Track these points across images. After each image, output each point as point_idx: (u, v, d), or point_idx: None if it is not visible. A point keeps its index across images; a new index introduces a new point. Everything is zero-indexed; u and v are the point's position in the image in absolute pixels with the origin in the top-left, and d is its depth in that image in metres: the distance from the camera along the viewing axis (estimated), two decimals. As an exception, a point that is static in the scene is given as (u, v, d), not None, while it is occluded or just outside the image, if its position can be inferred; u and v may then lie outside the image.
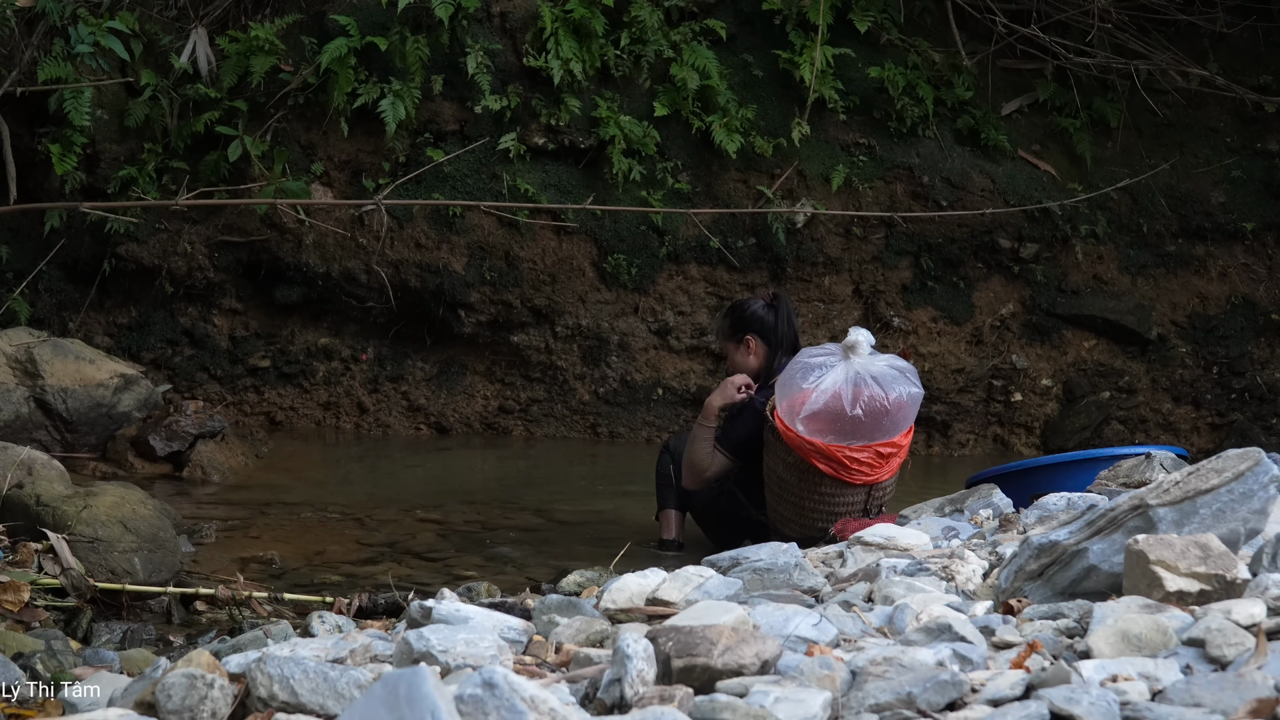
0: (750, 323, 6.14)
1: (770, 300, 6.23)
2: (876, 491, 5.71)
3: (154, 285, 8.90)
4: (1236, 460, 3.49)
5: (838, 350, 5.62)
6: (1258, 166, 9.33)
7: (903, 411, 5.62)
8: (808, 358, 5.65)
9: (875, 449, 5.60)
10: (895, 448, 5.65)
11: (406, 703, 2.32)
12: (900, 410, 5.61)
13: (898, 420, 5.62)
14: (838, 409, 5.54)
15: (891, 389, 5.56)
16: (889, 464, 5.67)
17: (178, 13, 8.82)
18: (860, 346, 5.61)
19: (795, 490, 5.73)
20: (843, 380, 5.55)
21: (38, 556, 4.85)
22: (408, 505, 6.90)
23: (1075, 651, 2.91)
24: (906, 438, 5.71)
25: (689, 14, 9.07)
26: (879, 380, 5.57)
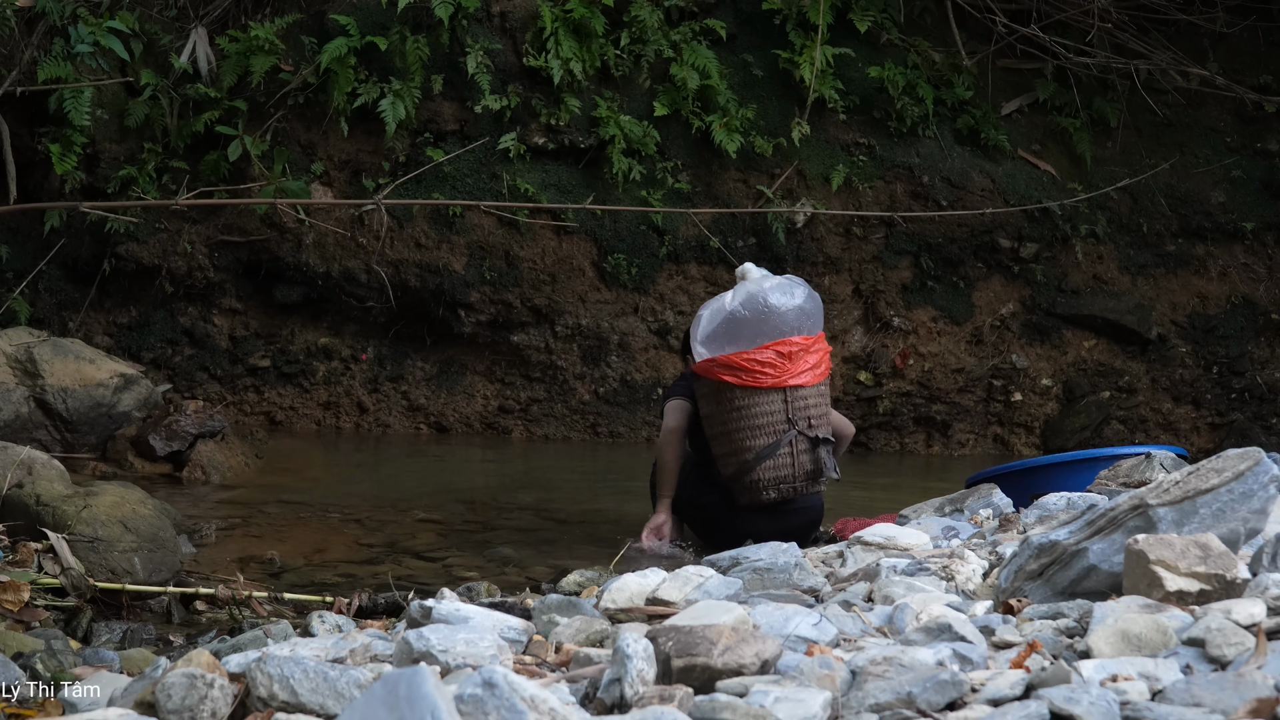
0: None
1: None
2: (796, 402, 5.77)
3: (154, 285, 8.90)
4: (1236, 460, 3.49)
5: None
6: (1258, 166, 9.33)
7: (793, 311, 5.75)
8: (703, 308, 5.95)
9: (774, 349, 5.72)
10: (795, 346, 5.74)
11: (406, 702, 2.32)
12: (789, 310, 5.75)
13: (789, 319, 5.75)
14: (720, 311, 5.81)
15: (773, 293, 5.77)
16: (794, 365, 5.74)
17: (178, 12, 8.82)
18: (749, 271, 5.89)
19: (720, 420, 5.81)
20: (728, 297, 5.85)
21: (38, 556, 4.85)
22: (408, 505, 6.90)
23: (1075, 651, 2.91)
24: (812, 340, 5.79)
25: (689, 14, 9.07)
26: (761, 288, 5.79)
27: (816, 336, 5.83)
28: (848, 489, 7.58)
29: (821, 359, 5.84)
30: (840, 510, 6.36)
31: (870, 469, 8.74)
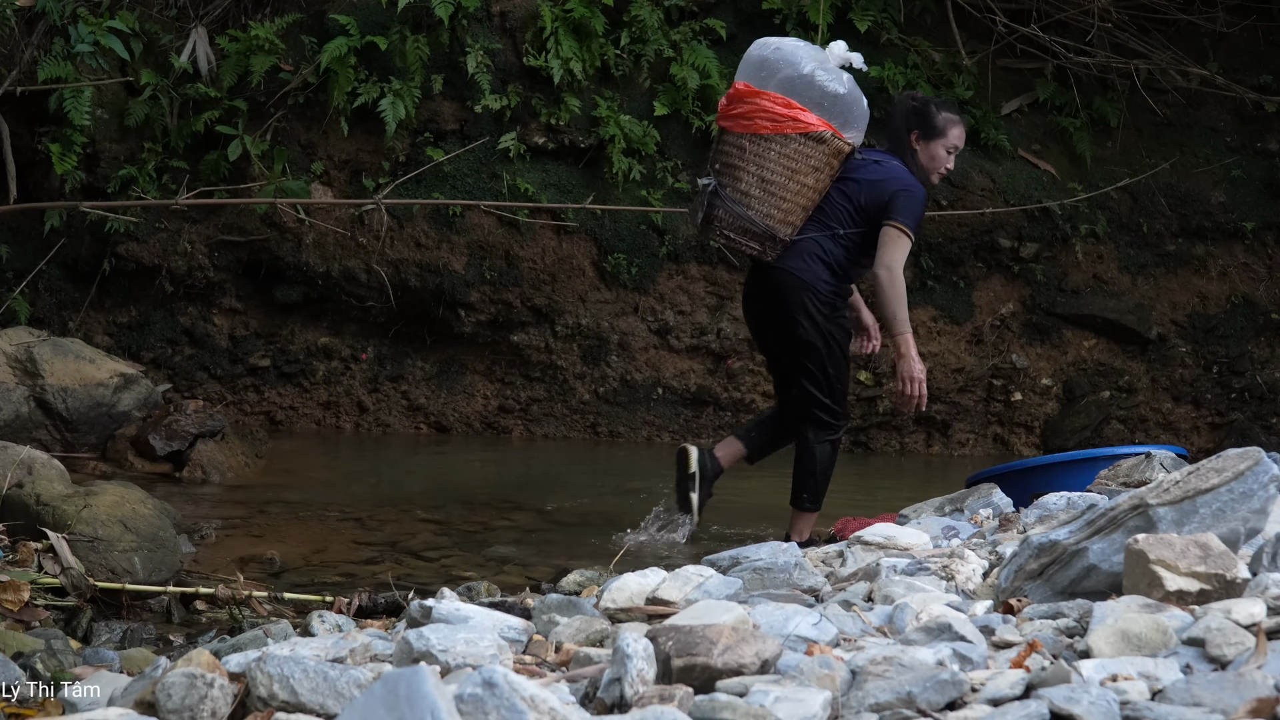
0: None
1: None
2: (718, 146, 6.03)
3: (154, 285, 8.90)
4: (1236, 460, 3.49)
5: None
6: (1258, 166, 9.33)
7: (811, 85, 5.86)
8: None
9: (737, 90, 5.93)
10: (744, 96, 5.88)
11: (406, 702, 2.32)
12: (812, 82, 5.86)
13: (798, 83, 5.85)
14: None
15: (822, 67, 5.89)
16: (728, 107, 5.95)
17: (178, 12, 8.82)
18: (835, 49, 5.99)
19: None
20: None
21: (38, 556, 4.85)
22: (408, 505, 6.90)
23: (1075, 651, 2.91)
24: (755, 92, 5.86)
25: (689, 13, 9.07)
26: (824, 58, 5.95)
27: (768, 94, 5.88)
28: (848, 489, 7.59)
29: (753, 112, 5.89)
30: (840, 510, 6.36)
31: (870, 469, 8.74)
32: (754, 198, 5.93)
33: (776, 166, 5.90)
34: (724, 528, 6.45)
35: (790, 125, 5.84)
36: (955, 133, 6.06)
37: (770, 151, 5.89)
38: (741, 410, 9.11)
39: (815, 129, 5.84)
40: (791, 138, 5.85)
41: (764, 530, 6.25)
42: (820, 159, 5.89)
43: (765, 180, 5.92)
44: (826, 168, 5.91)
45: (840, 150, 5.91)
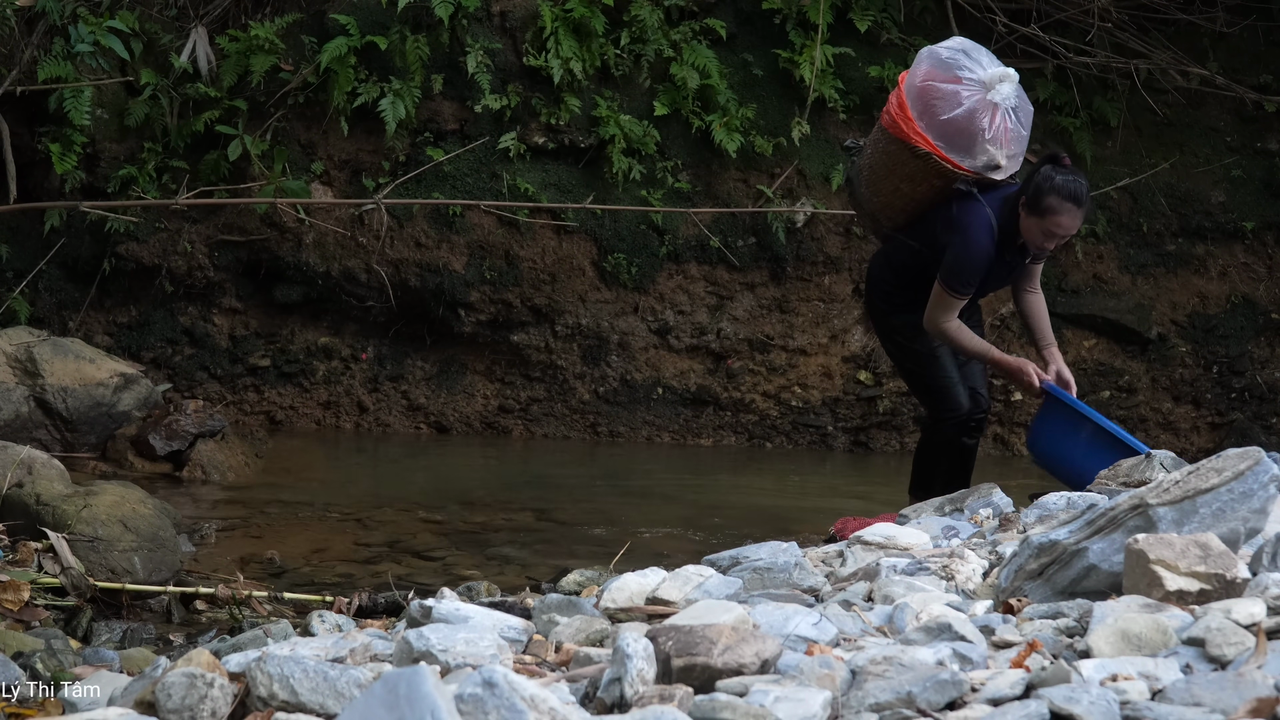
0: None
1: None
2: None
3: (154, 284, 8.90)
4: (1236, 459, 3.49)
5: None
6: (1258, 166, 9.33)
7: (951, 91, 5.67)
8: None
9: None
10: (900, 82, 5.76)
11: (406, 702, 2.32)
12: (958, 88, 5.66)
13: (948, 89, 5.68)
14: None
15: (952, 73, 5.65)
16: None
17: (178, 12, 8.82)
18: (1008, 78, 5.67)
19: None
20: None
21: (38, 555, 4.85)
22: (408, 505, 6.90)
23: (1075, 651, 2.91)
24: (898, 90, 5.73)
25: (689, 13, 9.07)
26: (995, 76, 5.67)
27: (901, 89, 5.71)
28: (848, 489, 7.59)
29: (889, 100, 5.76)
30: (840, 510, 6.36)
31: (870, 469, 8.74)
32: (864, 179, 5.89)
33: (881, 159, 5.78)
34: (724, 527, 6.45)
35: (895, 129, 5.67)
36: (1056, 220, 5.58)
37: (881, 143, 5.78)
38: (741, 410, 9.11)
39: (913, 141, 5.62)
40: (895, 140, 5.68)
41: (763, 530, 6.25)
42: (917, 171, 5.66)
43: (873, 167, 5.83)
44: (925, 182, 5.68)
45: (943, 171, 5.63)
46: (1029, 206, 5.59)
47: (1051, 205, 5.56)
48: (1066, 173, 5.61)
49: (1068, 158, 5.69)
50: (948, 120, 5.58)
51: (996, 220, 5.65)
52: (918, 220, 5.80)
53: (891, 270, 5.96)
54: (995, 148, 5.63)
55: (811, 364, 9.14)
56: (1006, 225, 5.66)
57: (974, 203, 5.66)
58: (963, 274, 5.65)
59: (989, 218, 5.65)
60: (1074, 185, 5.58)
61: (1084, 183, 5.64)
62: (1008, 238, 5.69)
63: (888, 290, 5.98)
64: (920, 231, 5.80)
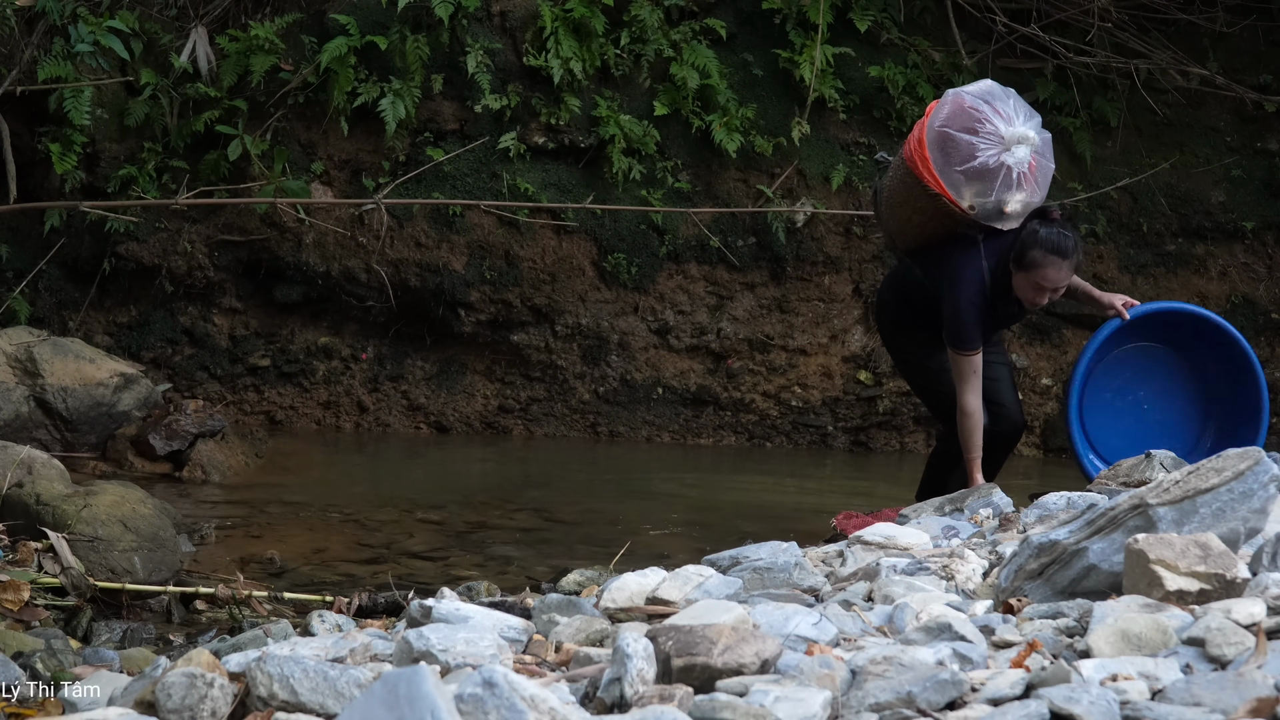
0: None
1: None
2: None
3: (154, 284, 8.90)
4: (1236, 460, 3.49)
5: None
6: (1258, 166, 9.32)
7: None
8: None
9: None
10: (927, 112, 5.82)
11: (406, 702, 2.32)
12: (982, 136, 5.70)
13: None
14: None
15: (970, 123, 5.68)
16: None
17: (177, 12, 8.82)
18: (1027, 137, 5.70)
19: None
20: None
21: (38, 555, 4.85)
22: (408, 505, 6.90)
23: (1075, 651, 2.91)
24: (924, 119, 5.78)
25: (689, 13, 9.07)
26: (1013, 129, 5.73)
27: (925, 120, 5.76)
28: (848, 489, 7.59)
29: (912, 129, 5.84)
30: (839, 507, 6.35)
31: (870, 468, 8.74)
32: (884, 198, 5.95)
33: (899, 187, 5.83)
34: (724, 527, 6.45)
35: (912, 164, 5.71)
36: (1042, 274, 5.60)
37: (900, 172, 5.83)
38: (741, 410, 9.11)
39: (925, 180, 5.66)
40: (910, 174, 5.72)
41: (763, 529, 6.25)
42: (929, 208, 5.70)
43: (891, 190, 5.89)
44: (935, 220, 5.72)
45: (951, 213, 5.67)
46: (1016, 262, 5.65)
47: (1035, 259, 5.60)
48: (1052, 226, 5.62)
49: (1058, 212, 5.71)
50: (961, 171, 5.63)
51: (991, 273, 5.69)
52: (927, 249, 5.84)
53: (895, 292, 6.05)
54: (1005, 202, 5.67)
55: (811, 364, 9.14)
56: (1001, 278, 5.71)
57: (971, 253, 5.71)
58: (960, 331, 5.69)
59: (981, 271, 5.69)
60: (1058, 238, 5.60)
61: (1070, 235, 5.67)
62: (1002, 290, 5.73)
63: (892, 313, 6.07)
64: (926, 262, 5.85)
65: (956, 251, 5.72)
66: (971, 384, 5.71)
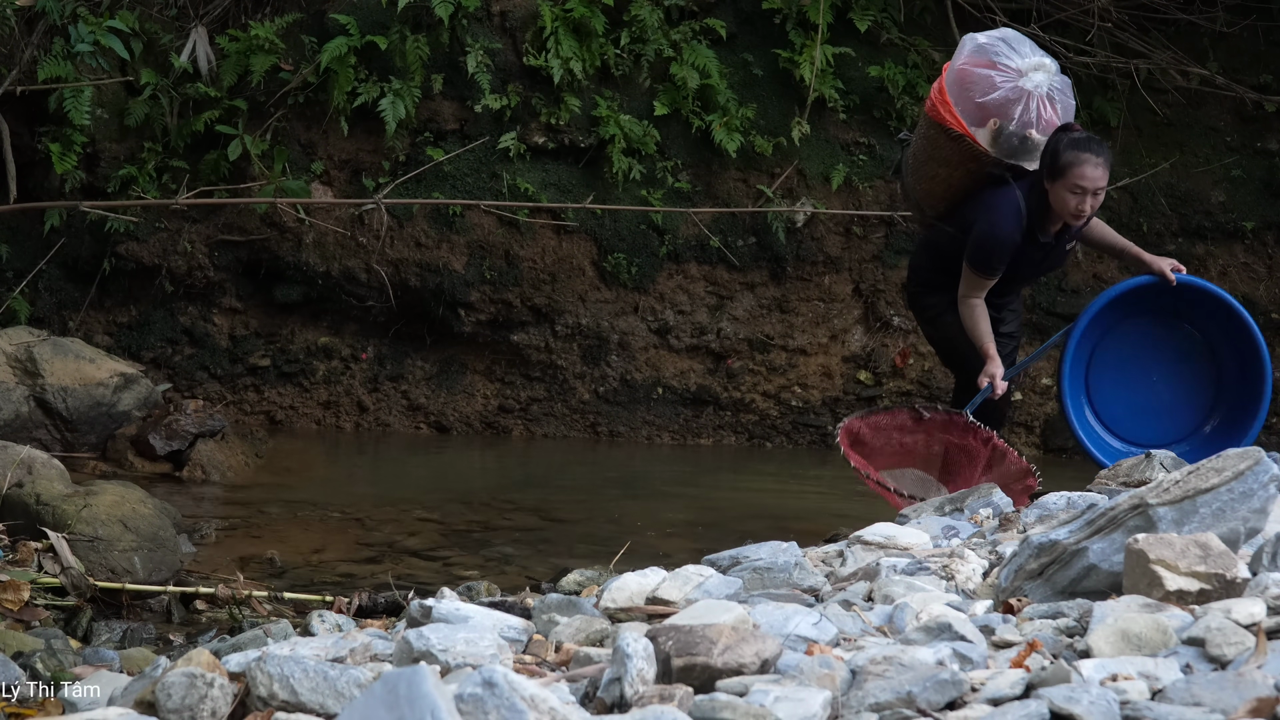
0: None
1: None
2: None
3: (154, 284, 8.90)
4: (1236, 459, 3.49)
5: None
6: (1258, 166, 9.32)
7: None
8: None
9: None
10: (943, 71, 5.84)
11: (406, 702, 2.32)
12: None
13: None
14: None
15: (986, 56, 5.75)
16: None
17: (178, 12, 8.82)
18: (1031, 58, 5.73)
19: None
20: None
21: (38, 555, 4.86)
22: (408, 504, 6.90)
23: (1075, 650, 2.91)
24: (942, 76, 5.79)
25: (689, 13, 9.07)
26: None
27: (942, 76, 5.80)
28: (848, 488, 7.57)
29: (932, 89, 5.86)
30: (840, 509, 6.35)
31: (870, 468, 8.73)
32: (910, 166, 5.97)
33: (922, 144, 5.87)
34: (724, 527, 6.45)
35: (934, 113, 5.75)
36: (1079, 172, 5.59)
37: (923, 128, 5.86)
38: (741, 410, 9.11)
39: (947, 124, 5.69)
40: (933, 124, 5.76)
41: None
42: (953, 155, 5.73)
43: (916, 154, 5.91)
44: (960, 166, 5.74)
45: (976, 154, 5.69)
46: (1049, 175, 5.63)
47: (1069, 160, 5.59)
48: (1078, 131, 5.67)
49: (1078, 126, 5.73)
50: (981, 104, 5.65)
51: (1026, 204, 5.69)
52: (956, 207, 5.86)
53: (929, 256, 6.05)
54: (1030, 134, 5.68)
55: (811, 364, 9.14)
56: (1037, 208, 5.70)
57: (1004, 187, 5.71)
58: (986, 253, 5.71)
59: (1017, 201, 5.69)
60: (1086, 139, 5.64)
61: (1098, 138, 5.71)
62: (1039, 221, 5.73)
63: (925, 276, 6.07)
64: (958, 218, 5.86)
65: (988, 191, 5.75)
66: (977, 292, 5.77)
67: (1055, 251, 5.90)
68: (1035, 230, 5.75)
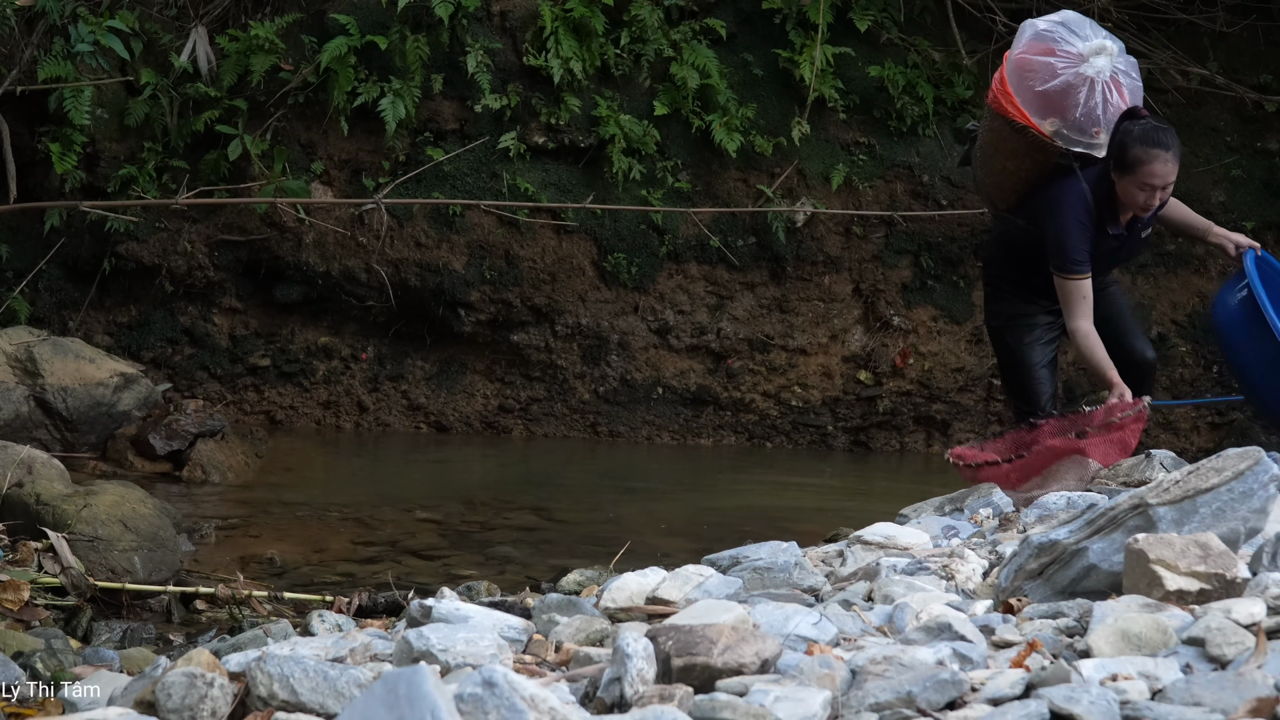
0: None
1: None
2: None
3: (154, 284, 8.90)
4: (1236, 459, 3.49)
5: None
6: (1258, 166, 9.32)
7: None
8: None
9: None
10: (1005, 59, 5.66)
11: (406, 702, 2.32)
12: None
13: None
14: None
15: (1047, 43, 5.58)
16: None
17: (178, 11, 8.82)
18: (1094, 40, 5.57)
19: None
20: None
21: (38, 555, 4.86)
22: (407, 504, 6.90)
23: (1075, 650, 2.91)
24: (1003, 66, 5.63)
25: (689, 13, 9.07)
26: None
27: (1003, 66, 5.63)
28: (848, 488, 7.59)
29: (994, 78, 5.69)
30: (841, 509, 6.35)
31: (870, 468, 8.74)
32: (977, 159, 5.87)
33: (988, 137, 5.73)
34: (724, 527, 6.45)
35: (996, 104, 5.59)
36: (1147, 170, 5.45)
37: (987, 120, 5.73)
38: (741, 410, 9.11)
39: (1010, 115, 5.53)
40: (996, 115, 5.60)
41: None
42: (1019, 147, 5.58)
43: (983, 146, 5.78)
44: (1027, 158, 5.60)
45: (1041, 145, 5.55)
46: (1117, 167, 5.50)
47: (1137, 156, 5.45)
48: (1145, 121, 5.49)
49: (1145, 111, 5.57)
50: (1042, 92, 5.50)
51: (1093, 194, 5.56)
52: (1026, 198, 5.71)
53: (1001, 248, 5.95)
54: (1096, 119, 5.54)
55: (811, 364, 9.14)
56: (1106, 198, 5.58)
57: (1069, 178, 5.58)
58: (1064, 251, 5.56)
59: (1083, 192, 5.56)
60: (1154, 131, 5.47)
61: (1166, 128, 5.54)
62: (1108, 212, 5.60)
63: (997, 271, 5.95)
64: (1028, 209, 5.72)
65: (1053, 184, 5.60)
66: (1081, 309, 5.56)
67: (1129, 241, 5.74)
68: (1105, 223, 5.61)
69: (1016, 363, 5.87)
